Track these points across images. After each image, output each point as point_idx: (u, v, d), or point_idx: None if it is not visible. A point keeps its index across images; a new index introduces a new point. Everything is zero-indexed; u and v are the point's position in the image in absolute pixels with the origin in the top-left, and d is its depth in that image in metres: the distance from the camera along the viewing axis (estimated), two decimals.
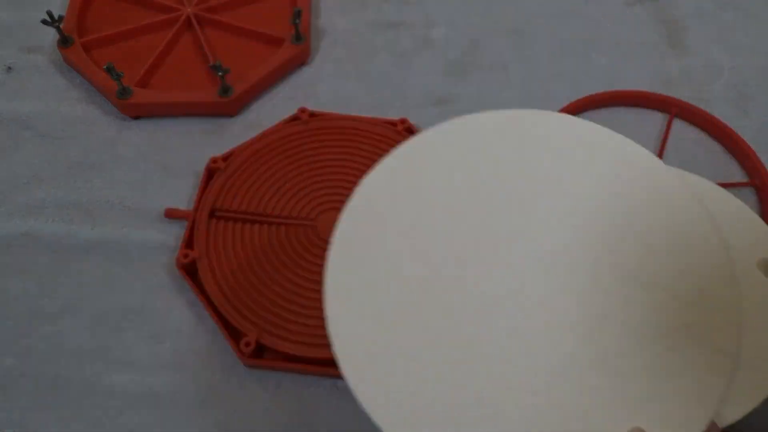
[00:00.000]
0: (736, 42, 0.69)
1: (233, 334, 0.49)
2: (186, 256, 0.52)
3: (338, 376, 0.48)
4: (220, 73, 0.58)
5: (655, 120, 0.63)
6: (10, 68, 0.65)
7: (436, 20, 0.70)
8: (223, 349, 0.50)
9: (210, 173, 0.57)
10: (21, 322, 0.51)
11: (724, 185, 0.58)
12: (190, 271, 0.52)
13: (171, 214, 0.56)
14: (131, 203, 0.57)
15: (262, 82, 0.63)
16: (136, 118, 0.62)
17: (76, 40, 0.64)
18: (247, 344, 0.48)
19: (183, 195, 0.58)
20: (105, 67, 0.58)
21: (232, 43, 0.66)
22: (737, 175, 0.59)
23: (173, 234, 0.55)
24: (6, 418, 0.47)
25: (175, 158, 0.60)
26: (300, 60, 0.65)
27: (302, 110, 0.60)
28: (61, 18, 0.61)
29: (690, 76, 0.66)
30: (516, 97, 0.64)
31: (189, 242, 0.53)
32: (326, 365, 0.48)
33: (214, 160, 0.57)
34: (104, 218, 0.56)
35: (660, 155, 0.59)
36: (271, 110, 0.63)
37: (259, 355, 0.49)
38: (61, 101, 0.63)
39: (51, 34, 0.67)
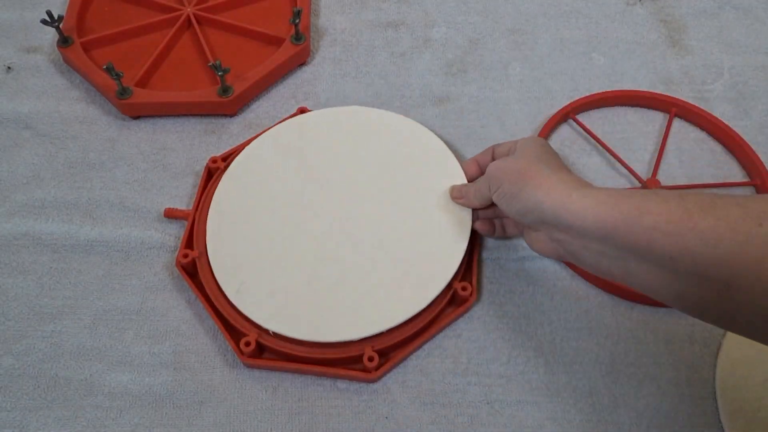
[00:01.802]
0: (736, 41, 0.69)
1: (233, 334, 0.49)
2: (186, 256, 0.52)
3: (338, 376, 0.48)
4: (219, 73, 0.58)
5: (655, 119, 0.63)
6: (10, 68, 0.65)
7: (436, 20, 0.70)
8: (223, 349, 0.50)
9: (210, 173, 0.57)
10: (21, 322, 0.51)
11: (724, 185, 0.58)
12: (190, 271, 0.52)
13: (170, 214, 0.56)
14: (131, 203, 0.57)
15: (262, 81, 0.63)
16: (136, 118, 0.62)
17: (76, 40, 0.64)
18: (247, 344, 0.48)
19: (183, 195, 0.58)
20: (105, 67, 0.58)
21: (232, 42, 0.66)
22: (737, 174, 0.59)
23: (173, 234, 0.55)
24: (6, 418, 0.47)
25: (175, 158, 0.60)
26: (300, 60, 0.65)
27: (302, 110, 0.60)
28: (60, 18, 0.61)
29: (690, 75, 0.66)
30: (516, 96, 0.64)
31: (189, 242, 0.53)
32: (326, 365, 0.48)
33: (213, 160, 0.57)
34: (104, 218, 0.56)
35: (660, 154, 0.59)
36: (270, 110, 0.63)
37: (259, 355, 0.49)
38: (61, 101, 0.63)
39: (51, 34, 0.68)
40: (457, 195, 0.53)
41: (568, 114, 0.62)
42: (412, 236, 0.52)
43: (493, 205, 0.49)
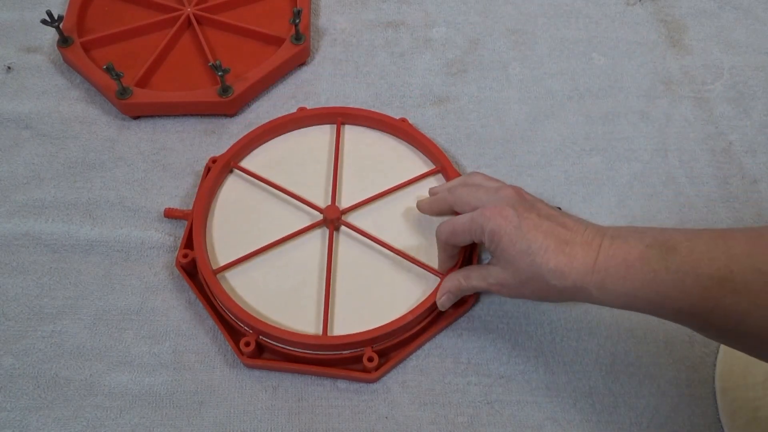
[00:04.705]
0: (736, 41, 0.69)
1: (233, 334, 0.49)
2: (186, 256, 0.52)
3: (338, 376, 0.48)
4: (219, 73, 0.58)
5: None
6: (10, 68, 0.65)
7: (436, 20, 0.70)
8: (223, 349, 0.50)
9: (209, 173, 0.57)
10: (21, 322, 0.51)
11: (419, 178, 0.57)
12: (190, 271, 0.52)
13: (170, 214, 0.56)
14: (131, 203, 0.57)
15: (262, 81, 0.63)
16: (136, 118, 0.62)
17: (76, 40, 0.64)
18: (247, 344, 0.48)
19: (183, 195, 0.58)
20: (105, 67, 0.58)
21: (232, 42, 0.66)
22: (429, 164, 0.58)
23: (173, 234, 0.55)
24: (6, 418, 0.47)
25: (174, 158, 0.60)
26: (300, 60, 0.65)
27: (302, 110, 0.60)
28: (60, 18, 0.61)
29: (690, 75, 0.66)
30: (516, 96, 0.64)
31: (189, 242, 0.53)
32: (326, 365, 0.48)
33: (213, 160, 0.57)
34: (104, 218, 0.56)
35: (335, 173, 0.56)
36: (270, 110, 0.63)
37: (258, 355, 0.49)
38: (61, 101, 0.63)
39: (51, 34, 0.67)
40: (425, 210, 0.52)
41: (229, 164, 0.57)
42: (408, 240, 0.53)
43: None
